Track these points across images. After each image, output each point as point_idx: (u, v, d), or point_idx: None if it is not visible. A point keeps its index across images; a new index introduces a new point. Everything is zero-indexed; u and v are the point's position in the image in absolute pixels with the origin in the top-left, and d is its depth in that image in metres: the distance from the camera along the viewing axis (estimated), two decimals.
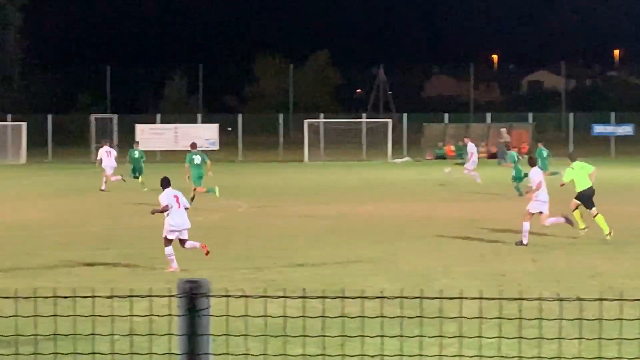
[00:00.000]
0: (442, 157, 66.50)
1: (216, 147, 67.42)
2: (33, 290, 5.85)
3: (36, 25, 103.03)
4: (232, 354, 5.04)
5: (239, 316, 5.23)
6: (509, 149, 44.89)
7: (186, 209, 18.53)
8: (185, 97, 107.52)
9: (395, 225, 25.24)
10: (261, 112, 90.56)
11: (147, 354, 5.45)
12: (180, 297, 4.48)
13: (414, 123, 72.53)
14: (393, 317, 5.42)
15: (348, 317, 5.42)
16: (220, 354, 4.96)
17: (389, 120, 70.34)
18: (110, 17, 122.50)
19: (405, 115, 72.96)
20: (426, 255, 19.79)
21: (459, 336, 5.52)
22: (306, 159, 65.74)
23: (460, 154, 65.05)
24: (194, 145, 33.50)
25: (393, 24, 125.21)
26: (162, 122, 72.33)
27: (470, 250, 20.70)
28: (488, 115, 74.81)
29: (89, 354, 5.77)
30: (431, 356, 5.61)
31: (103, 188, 38.19)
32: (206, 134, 67.93)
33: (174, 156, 59.57)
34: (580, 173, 23.00)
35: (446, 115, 74.10)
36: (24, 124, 66.96)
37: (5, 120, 70.69)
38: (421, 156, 67.42)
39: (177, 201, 18.31)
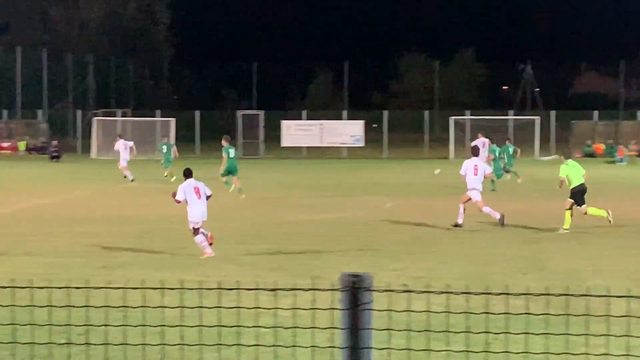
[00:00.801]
0: (591, 155, 65.14)
1: (362, 144, 67.67)
2: (180, 282, 5.97)
3: (184, 22, 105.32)
4: (394, 349, 5.02)
5: (382, 310, 5.22)
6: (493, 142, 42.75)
7: (208, 197, 18.85)
8: (330, 94, 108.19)
9: (546, 224, 24.78)
10: (406, 109, 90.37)
11: (290, 346, 5.50)
12: (343, 291, 4.51)
13: (562, 120, 71.26)
14: (538, 315, 5.32)
15: (493, 314, 5.34)
16: (381, 349, 4.95)
17: (537, 118, 69.29)
18: (257, 14, 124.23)
19: (553, 113, 71.73)
20: (577, 255, 19.40)
21: (606, 334, 5.38)
22: (452, 156, 65.28)
23: (611, 152, 63.52)
24: (227, 139, 35.38)
25: (540, 20, 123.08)
26: (307, 119, 72.99)
27: (623, 249, 20.16)
28: (639, 113, 72.89)
29: (232, 345, 5.87)
30: (577, 354, 5.48)
31: (131, 178, 40.68)
32: (352, 130, 68.22)
33: (319, 152, 60.12)
34: (573, 170, 23.75)
35: (595, 113, 72.51)
36: (172, 120, 68.57)
37: (155, 117, 72.57)
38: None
39: (197, 192, 18.58)
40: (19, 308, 5.49)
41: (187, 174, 19.22)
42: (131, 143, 44.51)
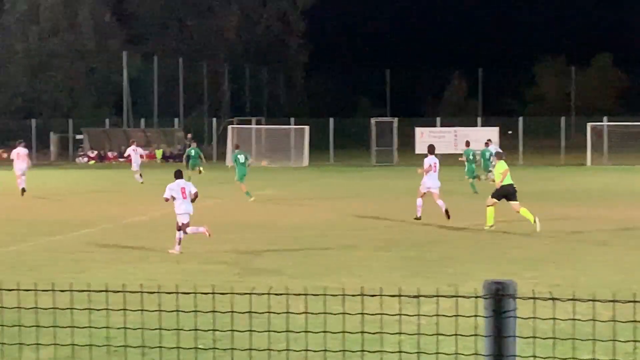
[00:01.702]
0: None
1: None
2: (323, 289, 6.03)
3: (318, 30, 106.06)
4: (540, 357, 4.97)
5: (526, 318, 5.17)
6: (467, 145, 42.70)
7: (194, 197, 20.81)
8: (464, 100, 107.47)
9: None
10: (542, 115, 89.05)
11: (433, 353, 5.49)
12: (486, 298, 4.50)
13: None
14: None
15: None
16: (526, 357, 4.92)
17: None
18: (390, 21, 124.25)
19: None
20: None
21: None
22: (589, 163, 64.01)
23: None
24: (237, 146, 40.24)
25: None
26: (441, 125, 72.61)
27: None
28: None
29: (375, 351, 5.90)
30: None
31: (141, 181, 45.68)
32: (486, 137, 67.60)
33: (453, 159, 59.68)
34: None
35: None
36: (306, 128, 69.14)
37: (289, 124, 73.32)
38: None
39: (183, 192, 20.70)
40: (165, 313, 5.64)
41: (177, 175, 21.32)
42: (140, 149, 49.32)
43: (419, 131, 69.99)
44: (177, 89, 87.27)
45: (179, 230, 20.58)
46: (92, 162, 76.15)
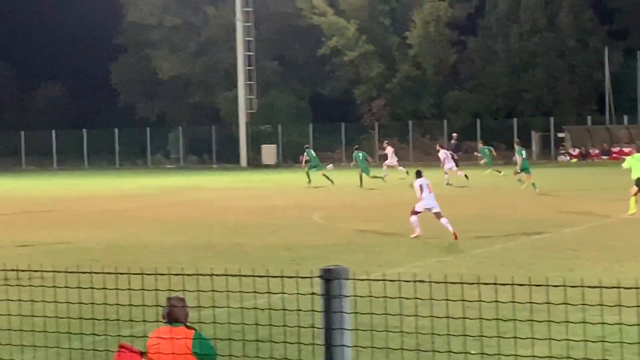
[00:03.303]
0: None
1: None
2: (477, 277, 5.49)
3: None
4: None
5: None
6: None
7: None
8: None
9: None
10: None
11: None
12: None
13: None
14: None
15: None
16: None
17: None
18: None
19: None
20: None
21: None
22: None
23: None
24: (358, 148, 48.66)
25: None
26: None
27: None
28: None
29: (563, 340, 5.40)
30: None
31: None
32: None
33: None
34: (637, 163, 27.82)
35: None
36: None
37: None
38: None
39: (429, 187, 23.87)
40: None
41: (418, 174, 24.49)
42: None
43: None
44: None
45: (413, 214, 23.57)
46: (574, 160, 75.78)
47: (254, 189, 47.74)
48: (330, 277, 5.26)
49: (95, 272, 6.74)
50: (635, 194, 27.64)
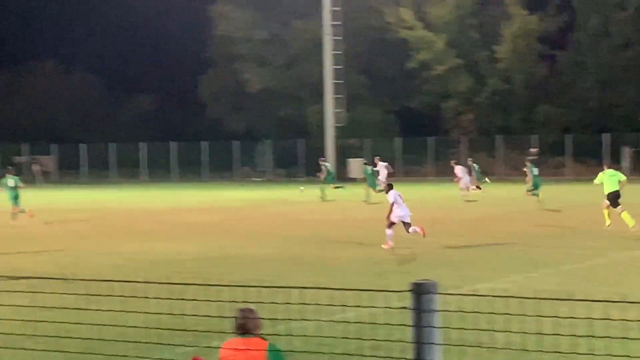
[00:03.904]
0: None
1: None
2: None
3: None
4: None
5: None
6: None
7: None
8: None
9: None
10: None
11: None
12: None
13: None
14: None
15: None
16: None
17: None
18: None
19: None
20: None
21: None
22: None
23: None
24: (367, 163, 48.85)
25: None
26: None
27: None
28: None
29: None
30: None
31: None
32: None
33: None
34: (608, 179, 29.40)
35: None
36: None
37: None
38: None
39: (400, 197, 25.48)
40: None
41: (390, 187, 26.21)
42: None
43: None
44: None
45: (389, 227, 25.52)
46: None
47: (340, 202, 47.80)
48: (421, 291, 5.25)
49: (185, 284, 6.81)
50: (607, 208, 29.62)
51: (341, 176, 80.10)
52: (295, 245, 26.96)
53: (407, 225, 25.55)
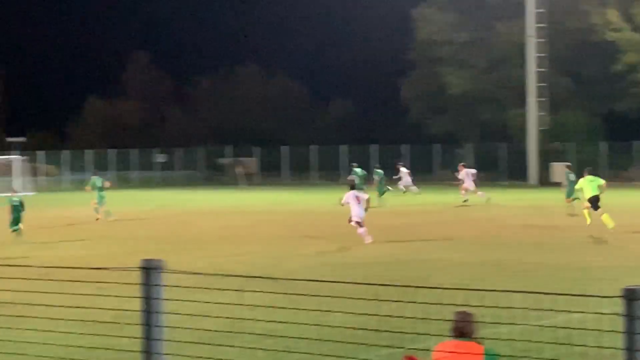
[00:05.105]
0: None
1: None
2: None
3: None
4: None
5: None
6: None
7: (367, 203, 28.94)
8: None
9: None
10: None
11: None
12: None
13: None
14: None
15: None
16: None
17: None
18: None
19: None
20: None
21: None
22: None
23: None
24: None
25: None
26: None
27: None
28: None
29: None
30: None
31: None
32: None
33: None
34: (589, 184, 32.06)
35: None
36: None
37: None
38: None
39: (357, 199, 28.69)
40: None
41: (351, 187, 30.37)
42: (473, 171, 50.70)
43: None
44: None
45: (358, 227, 28.43)
46: None
47: (544, 207, 46.84)
48: (633, 297, 5.12)
49: (389, 285, 6.84)
50: (587, 208, 32.07)
51: (543, 180, 78.58)
52: (495, 250, 26.62)
53: (360, 224, 28.79)
